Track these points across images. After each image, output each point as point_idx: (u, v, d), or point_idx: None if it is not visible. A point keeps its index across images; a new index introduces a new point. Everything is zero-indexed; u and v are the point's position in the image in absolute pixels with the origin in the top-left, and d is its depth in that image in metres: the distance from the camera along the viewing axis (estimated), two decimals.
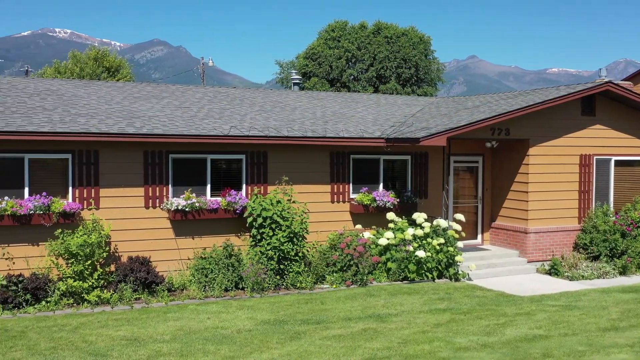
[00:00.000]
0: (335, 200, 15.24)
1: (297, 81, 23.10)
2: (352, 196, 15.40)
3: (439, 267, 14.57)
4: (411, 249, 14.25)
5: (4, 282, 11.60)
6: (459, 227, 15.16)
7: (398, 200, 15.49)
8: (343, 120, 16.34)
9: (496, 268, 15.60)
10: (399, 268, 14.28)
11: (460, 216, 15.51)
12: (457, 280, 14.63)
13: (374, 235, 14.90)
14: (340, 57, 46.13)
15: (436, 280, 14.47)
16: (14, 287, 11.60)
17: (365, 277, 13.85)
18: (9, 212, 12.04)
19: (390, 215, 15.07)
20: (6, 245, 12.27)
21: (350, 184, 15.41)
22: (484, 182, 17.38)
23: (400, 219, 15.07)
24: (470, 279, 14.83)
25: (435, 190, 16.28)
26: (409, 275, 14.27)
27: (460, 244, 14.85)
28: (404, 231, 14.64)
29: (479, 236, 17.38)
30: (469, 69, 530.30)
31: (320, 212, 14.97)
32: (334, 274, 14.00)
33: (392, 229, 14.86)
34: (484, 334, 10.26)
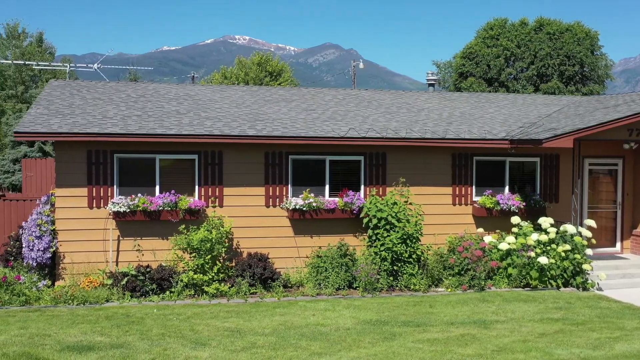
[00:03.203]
0: (457, 202, 14.99)
1: (432, 82, 22.90)
2: (474, 199, 15.06)
3: (565, 275, 13.84)
4: (533, 254, 13.67)
5: (134, 272, 12.66)
6: (589, 234, 14.30)
7: (524, 204, 14.92)
8: (469, 121, 16.01)
9: (633, 278, 14.53)
10: (520, 274, 13.76)
11: (590, 222, 14.61)
12: (585, 289, 13.83)
13: (496, 239, 14.46)
14: (499, 55, 44.72)
15: (561, 289, 13.77)
16: (141, 277, 12.64)
17: (482, 282, 13.50)
18: (140, 208, 13.13)
19: (515, 219, 14.56)
20: (138, 238, 13.39)
21: (473, 186, 15.09)
22: (624, 186, 16.24)
23: (525, 223, 14.50)
24: (600, 289, 13.95)
25: (566, 194, 15.48)
26: (530, 282, 13.71)
27: (589, 251, 13.99)
28: (527, 236, 14.09)
29: (618, 244, 16.26)
30: None
31: (440, 215, 14.80)
32: (451, 277, 13.79)
33: (516, 233, 14.36)
34: (590, 347, 9.67)
